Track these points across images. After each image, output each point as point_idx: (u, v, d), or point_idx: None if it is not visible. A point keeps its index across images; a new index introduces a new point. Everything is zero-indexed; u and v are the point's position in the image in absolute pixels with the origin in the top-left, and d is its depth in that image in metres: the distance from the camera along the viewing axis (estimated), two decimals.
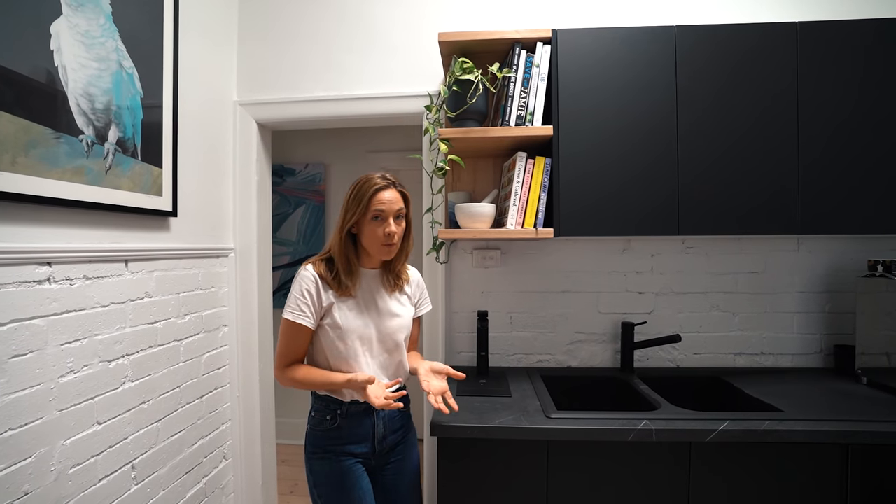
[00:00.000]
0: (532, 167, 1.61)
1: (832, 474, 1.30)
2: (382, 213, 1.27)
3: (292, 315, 1.28)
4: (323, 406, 1.33)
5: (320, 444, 1.32)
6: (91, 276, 1.32)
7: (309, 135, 3.35)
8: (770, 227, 1.56)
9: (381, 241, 1.28)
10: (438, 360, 1.99)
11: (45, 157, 1.15)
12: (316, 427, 1.34)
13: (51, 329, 1.19)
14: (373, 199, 1.26)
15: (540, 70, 1.61)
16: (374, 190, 1.26)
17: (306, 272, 1.31)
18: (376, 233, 1.28)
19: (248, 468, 2.08)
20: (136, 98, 1.46)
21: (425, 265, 2.01)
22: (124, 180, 1.42)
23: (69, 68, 1.21)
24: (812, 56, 1.54)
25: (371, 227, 1.28)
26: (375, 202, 1.26)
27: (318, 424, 1.33)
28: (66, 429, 1.23)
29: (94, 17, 1.29)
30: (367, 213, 1.27)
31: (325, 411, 1.33)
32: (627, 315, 1.97)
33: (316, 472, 1.32)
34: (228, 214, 2.05)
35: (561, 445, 1.35)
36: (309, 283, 1.29)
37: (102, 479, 1.34)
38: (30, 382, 1.13)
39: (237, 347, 2.03)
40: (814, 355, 1.92)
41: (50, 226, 1.20)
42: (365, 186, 1.28)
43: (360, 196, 1.27)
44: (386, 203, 1.27)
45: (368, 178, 1.29)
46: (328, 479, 1.30)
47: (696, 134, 1.57)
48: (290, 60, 2.06)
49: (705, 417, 1.35)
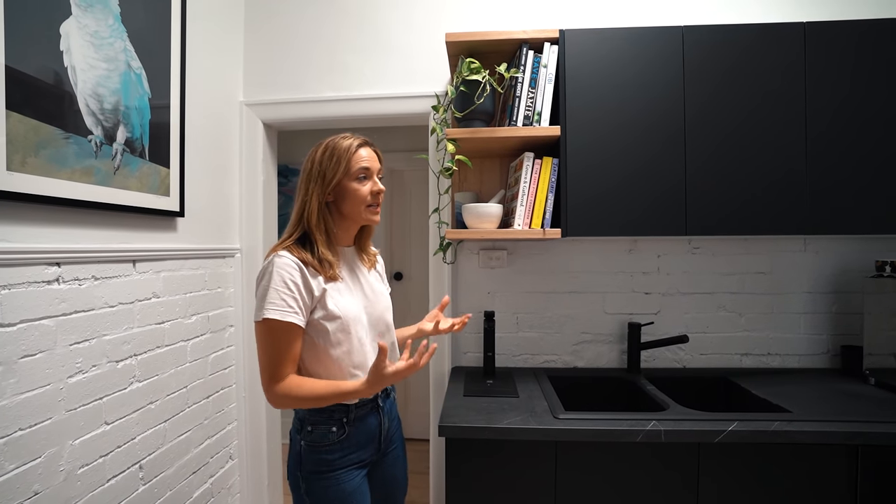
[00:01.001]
0: (539, 168, 1.61)
1: (841, 476, 1.30)
2: (368, 170, 1.16)
3: (279, 313, 1.06)
4: (324, 418, 1.14)
5: (323, 462, 1.13)
6: (99, 276, 1.32)
7: (315, 135, 3.31)
8: (778, 227, 1.56)
9: (368, 201, 1.17)
10: (445, 360, 1.99)
11: (55, 158, 1.15)
12: (317, 444, 1.14)
13: (60, 329, 1.19)
14: (355, 157, 1.15)
15: (547, 70, 1.61)
16: (357, 146, 1.16)
17: (283, 259, 1.09)
18: (361, 193, 1.16)
19: (254, 468, 2.08)
20: (143, 98, 1.46)
21: (432, 265, 2.01)
22: (132, 180, 1.42)
23: (78, 69, 1.21)
24: (820, 55, 1.54)
25: (355, 186, 1.15)
26: (359, 159, 1.15)
27: (319, 440, 1.13)
28: (74, 429, 1.23)
29: (102, 17, 1.29)
30: (349, 171, 1.14)
31: (328, 423, 1.14)
32: (634, 315, 1.96)
33: (316, 494, 1.13)
34: (234, 215, 2.05)
35: (569, 446, 1.34)
36: (292, 272, 1.08)
37: (111, 480, 1.34)
38: (39, 382, 1.13)
39: (243, 348, 2.03)
40: (821, 356, 1.92)
41: (59, 226, 1.21)
42: (343, 145, 1.15)
43: (338, 156, 1.14)
44: (370, 160, 1.17)
45: (342, 137, 1.17)
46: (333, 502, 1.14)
47: (704, 134, 1.57)
48: (296, 61, 2.06)
49: (714, 418, 1.35)
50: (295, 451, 1.17)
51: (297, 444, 1.17)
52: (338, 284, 1.16)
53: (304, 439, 1.15)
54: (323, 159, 1.15)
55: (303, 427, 1.16)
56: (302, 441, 1.16)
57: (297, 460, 1.16)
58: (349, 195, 1.16)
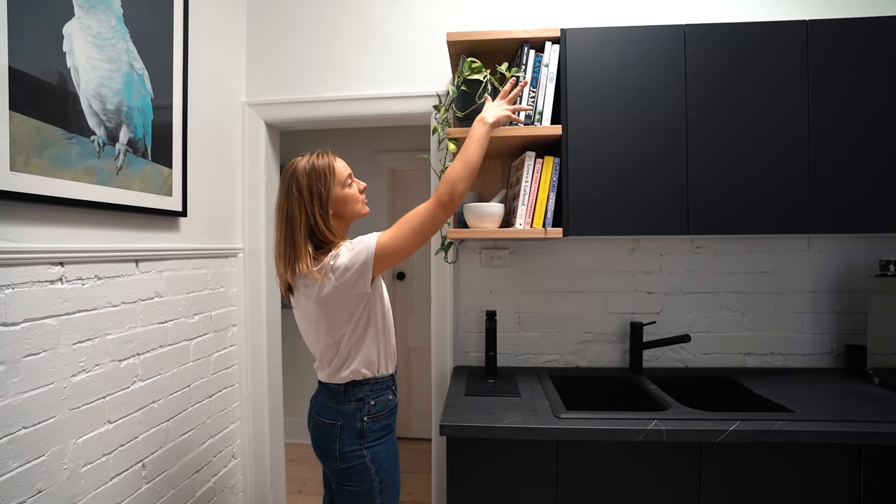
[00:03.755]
0: (541, 167, 1.61)
1: (844, 476, 1.29)
2: (350, 174, 1.33)
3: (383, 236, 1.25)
4: (383, 387, 1.32)
5: (386, 427, 1.32)
6: (102, 275, 1.33)
7: (317, 135, 3.35)
8: (782, 226, 1.55)
9: (361, 198, 1.34)
10: (447, 360, 1.99)
11: (58, 158, 1.16)
12: (381, 413, 1.30)
13: (63, 328, 1.20)
14: (338, 168, 1.30)
15: (549, 69, 1.61)
16: (332, 160, 1.30)
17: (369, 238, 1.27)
18: (354, 194, 1.32)
19: (257, 467, 2.09)
20: (146, 99, 1.47)
21: (434, 265, 2.01)
22: (135, 181, 1.42)
23: (81, 69, 1.22)
24: (824, 53, 1.53)
25: (347, 191, 1.31)
26: (341, 169, 1.31)
27: (383, 409, 1.31)
28: (78, 427, 1.24)
29: (105, 18, 1.30)
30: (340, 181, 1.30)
31: (386, 391, 1.32)
32: (636, 315, 1.96)
33: (382, 458, 1.29)
34: (237, 215, 2.05)
35: (571, 445, 1.34)
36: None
37: (114, 478, 1.35)
38: (42, 381, 1.14)
39: (246, 347, 2.04)
40: (824, 355, 1.91)
41: (62, 226, 1.21)
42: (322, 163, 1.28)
43: (325, 174, 1.27)
44: (346, 167, 1.33)
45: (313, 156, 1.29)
46: (392, 462, 1.31)
47: (707, 133, 1.56)
48: (299, 61, 2.07)
49: (716, 418, 1.34)
50: (356, 430, 1.28)
51: (355, 423, 1.28)
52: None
53: (366, 415, 1.29)
54: (311, 182, 1.26)
55: (364, 404, 1.29)
56: (365, 417, 1.29)
57: (360, 436, 1.28)
58: (346, 199, 1.31)
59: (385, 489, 1.29)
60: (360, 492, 1.28)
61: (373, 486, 1.28)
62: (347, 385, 1.29)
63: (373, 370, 1.29)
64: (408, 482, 2.82)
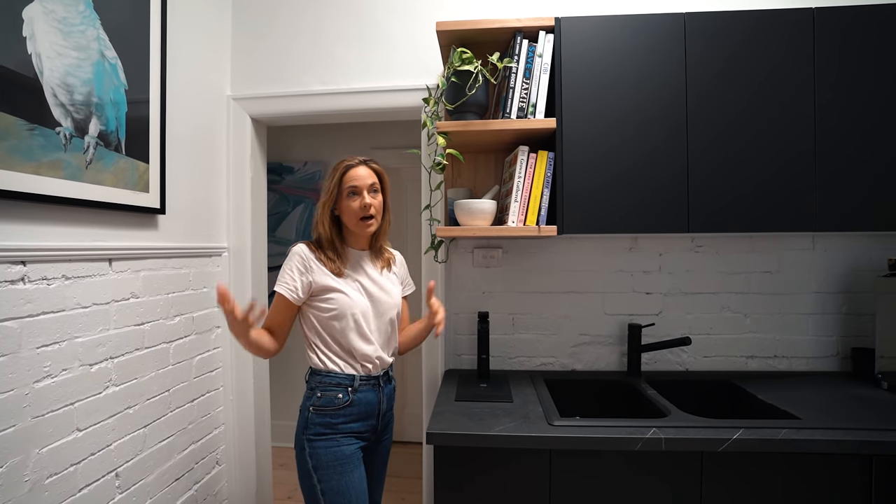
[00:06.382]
0: (535, 162, 1.54)
1: (854, 488, 1.22)
2: (356, 188, 1.34)
3: (281, 287, 1.34)
4: (334, 383, 1.34)
5: (328, 425, 1.32)
6: (71, 275, 1.26)
7: (308, 132, 3.30)
8: (785, 224, 1.48)
9: (359, 214, 1.35)
10: (438, 363, 1.92)
11: (17, 150, 1.09)
12: (324, 407, 1.33)
13: (25, 331, 1.13)
14: (345, 177, 1.35)
15: (542, 60, 1.54)
16: (346, 167, 1.35)
17: (298, 246, 1.38)
18: (352, 208, 1.35)
19: (243, 473, 2.02)
20: (119, 90, 1.40)
21: (424, 264, 1.94)
22: (107, 175, 1.36)
23: (44, 56, 1.15)
24: (831, 42, 1.46)
25: (348, 203, 1.35)
26: (348, 179, 1.34)
27: (327, 404, 1.33)
28: (42, 437, 1.16)
29: (72, 3, 1.23)
30: (342, 190, 1.35)
31: (336, 389, 1.34)
32: (634, 316, 1.89)
33: (318, 454, 1.30)
34: (222, 212, 1.98)
35: (565, 454, 1.27)
36: (298, 260, 1.35)
37: (83, 489, 1.28)
38: (1, 388, 1.07)
39: (231, 349, 1.97)
40: (830, 358, 1.84)
41: (23, 222, 1.14)
42: (339, 166, 1.37)
43: (333, 176, 1.36)
44: (359, 179, 1.35)
45: (342, 160, 1.38)
46: (331, 462, 1.30)
47: (707, 126, 1.49)
48: (285, 54, 2.00)
49: (718, 425, 1.27)
50: (303, 418, 1.35)
51: (305, 411, 1.35)
52: (339, 280, 1.36)
53: (312, 405, 1.34)
54: (326, 178, 1.39)
55: (313, 394, 1.35)
56: (311, 407, 1.34)
57: (304, 426, 1.34)
58: (345, 210, 1.37)
59: (327, 491, 1.29)
60: (302, 484, 1.34)
61: (312, 483, 1.31)
62: (310, 369, 1.39)
63: (316, 364, 1.37)
64: (402, 487, 2.76)
